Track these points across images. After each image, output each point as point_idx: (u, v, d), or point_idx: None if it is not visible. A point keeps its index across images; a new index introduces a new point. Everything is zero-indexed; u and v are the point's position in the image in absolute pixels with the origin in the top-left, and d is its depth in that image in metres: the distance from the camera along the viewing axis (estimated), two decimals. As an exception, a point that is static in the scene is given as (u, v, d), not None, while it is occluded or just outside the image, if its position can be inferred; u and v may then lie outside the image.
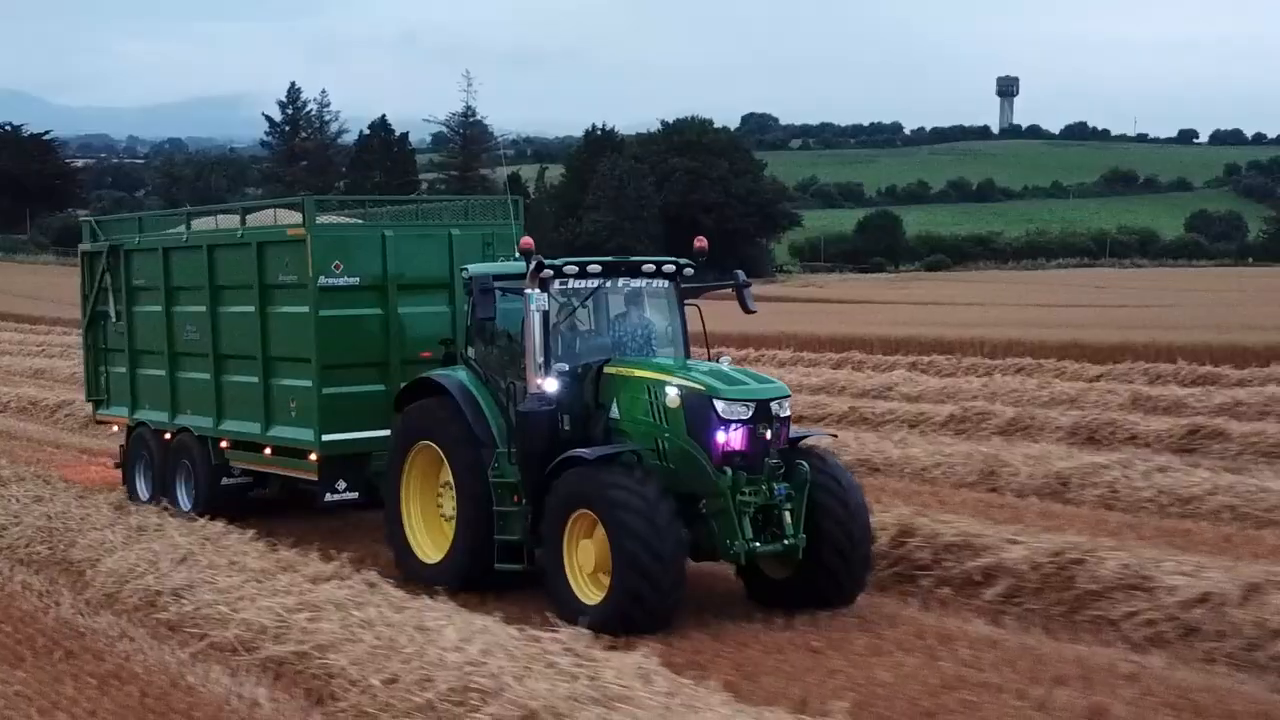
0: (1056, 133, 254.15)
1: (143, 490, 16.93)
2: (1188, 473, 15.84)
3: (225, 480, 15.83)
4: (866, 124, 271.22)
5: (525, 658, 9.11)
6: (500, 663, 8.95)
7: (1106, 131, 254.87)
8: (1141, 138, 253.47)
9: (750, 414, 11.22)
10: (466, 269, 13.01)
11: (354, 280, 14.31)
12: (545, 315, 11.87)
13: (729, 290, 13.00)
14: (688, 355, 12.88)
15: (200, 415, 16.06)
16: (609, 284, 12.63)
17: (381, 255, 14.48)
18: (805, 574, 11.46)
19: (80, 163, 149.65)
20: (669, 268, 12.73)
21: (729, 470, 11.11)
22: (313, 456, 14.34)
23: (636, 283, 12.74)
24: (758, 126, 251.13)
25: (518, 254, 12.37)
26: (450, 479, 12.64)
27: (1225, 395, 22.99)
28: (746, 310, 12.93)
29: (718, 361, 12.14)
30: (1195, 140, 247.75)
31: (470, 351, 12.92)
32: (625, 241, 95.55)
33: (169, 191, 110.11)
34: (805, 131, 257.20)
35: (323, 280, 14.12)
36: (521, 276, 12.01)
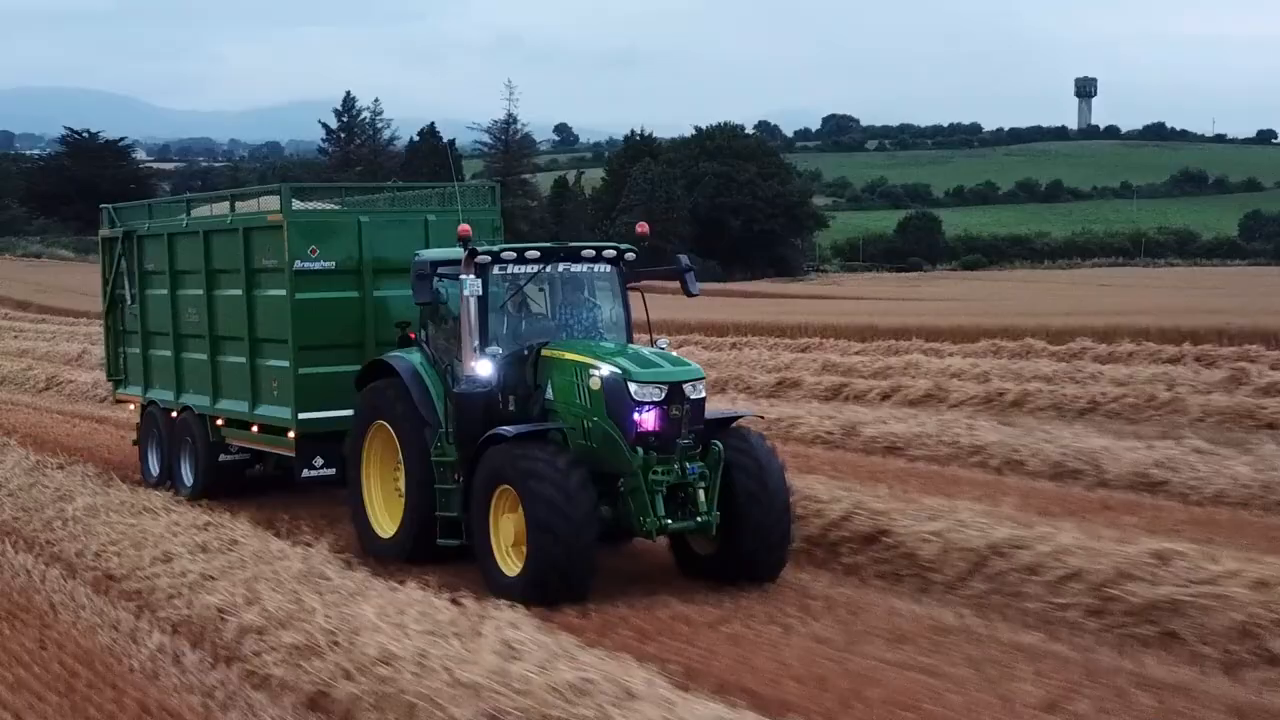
0: (1136, 132, 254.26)
1: (154, 466, 17.76)
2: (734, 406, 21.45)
3: (222, 457, 16.56)
4: (945, 125, 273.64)
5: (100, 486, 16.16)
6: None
7: (1185, 132, 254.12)
8: (1219, 138, 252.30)
9: (663, 395, 11.59)
10: (417, 254, 13.37)
11: (329, 264, 14.80)
12: (481, 300, 12.32)
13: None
14: (630, 340, 13.09)
15: (200, 394, 16.75)
16: (553, 270, 12.93)
17: (357, 240, 14.97)
18: (727, 550, 11.93)
19: (170, 165, 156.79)
20: (610, 253, 13.01)
21: (641, 450, 11.50)
22: (291, 434, 14.93)
23: (579, 268, 13.04)
24: (836, 128, 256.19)
25: (458, 240, 12.59)
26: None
27: (884, 363, 28.54)
28: (689, 294, 13.26)
29: (655, 346, 12.44)
30: (1274, 140, 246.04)
31: (423, 334, 13.46)
32: (654, 242, 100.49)
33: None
34: (884, 133, 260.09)
35: (298, 264, 14.60)
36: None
